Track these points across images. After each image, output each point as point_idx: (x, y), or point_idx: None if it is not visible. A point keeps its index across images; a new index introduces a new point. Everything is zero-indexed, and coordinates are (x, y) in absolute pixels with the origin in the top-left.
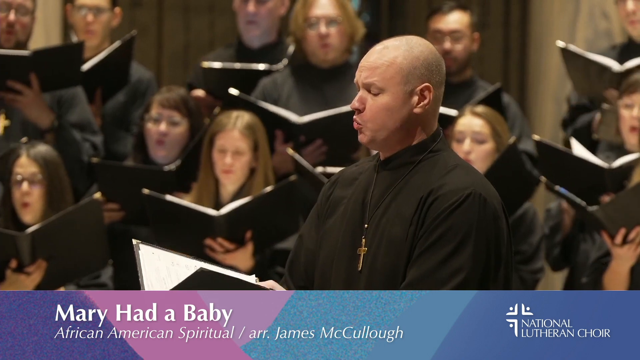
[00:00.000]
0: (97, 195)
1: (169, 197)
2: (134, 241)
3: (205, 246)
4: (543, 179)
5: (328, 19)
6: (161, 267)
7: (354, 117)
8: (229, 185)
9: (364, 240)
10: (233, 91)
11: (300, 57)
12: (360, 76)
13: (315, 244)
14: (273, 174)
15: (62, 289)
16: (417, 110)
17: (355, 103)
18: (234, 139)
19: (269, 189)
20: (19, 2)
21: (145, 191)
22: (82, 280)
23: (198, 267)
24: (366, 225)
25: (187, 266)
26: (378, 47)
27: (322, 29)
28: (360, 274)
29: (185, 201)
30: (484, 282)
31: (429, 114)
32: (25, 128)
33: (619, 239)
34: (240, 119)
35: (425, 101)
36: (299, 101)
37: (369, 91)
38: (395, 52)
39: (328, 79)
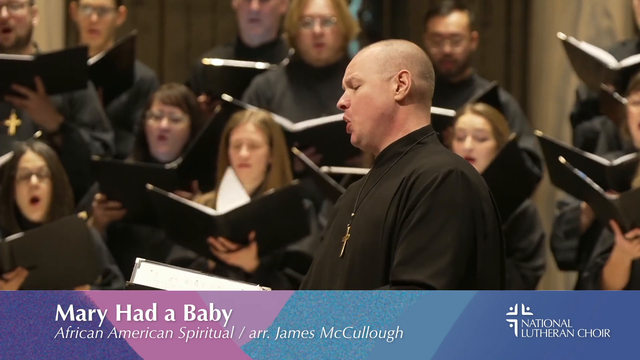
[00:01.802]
0: (83, 214)
1: (171, 195)
2: (137, 259)
3: (208, 245)
4: (562, 159)
5: (323, 18)
6: (154, 283)
7: (343, 116)
8: (246, 182)
9: (349, 227)
10: (226, 97)
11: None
12: (345, 76)
13: None
14: (291, 171)
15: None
16: (397, 97)
17: (340, 101)
18: (248, 132)
19: (270, 191)
20: None
21: (149, 186)
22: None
23: (198, 281)
24: (353, 214)
25: (187, 281)
26: (363, 49)
27: (317, 28)
28: (341, 259)
29: (185, 199)
30: (471, 259)
31: (414, 103)
32: (36, 128)
33: (631, 235)
34: (255, 115)
35: (404, 86)
36: (293, 100)
37: (351, 87)
38: (374, 48)
39: (322, 77)
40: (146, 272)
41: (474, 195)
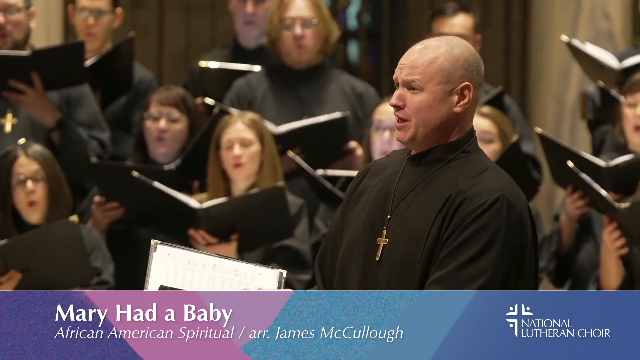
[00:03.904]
0: (74, 217)
1: (156, 184)
2: (153, 242)
3: (189, 237)
4: (570, 163)
5: (303, 20)
6: (173, 268)
7: (395, 113)
8: (240, 182)
9: (385, 230)
10: (209, 101)
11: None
12: (401, 73)
13: (340, 235)
14: (281, 169)
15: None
16: (457, 109)
17: (393, 100)
18: (238, 131)
19: (254, 190)
20: (6, 3)
21: (135, 174)
22: None
23: (216, 265)
24: (389, 217)
25: (205, 265)
26: (418, 47)
27: (297, 30)
28: (378, 263)
29: (170, 190)
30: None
31: (467, 114)
32: (33, 126)
33: (610, 228)
34: (243, 115)
35: (465, 100)
36: (274, 102)
37: (409, 88)
38: (435, 52)
39: (303, 80)
40: (163, 257)
41: (516, 226)
